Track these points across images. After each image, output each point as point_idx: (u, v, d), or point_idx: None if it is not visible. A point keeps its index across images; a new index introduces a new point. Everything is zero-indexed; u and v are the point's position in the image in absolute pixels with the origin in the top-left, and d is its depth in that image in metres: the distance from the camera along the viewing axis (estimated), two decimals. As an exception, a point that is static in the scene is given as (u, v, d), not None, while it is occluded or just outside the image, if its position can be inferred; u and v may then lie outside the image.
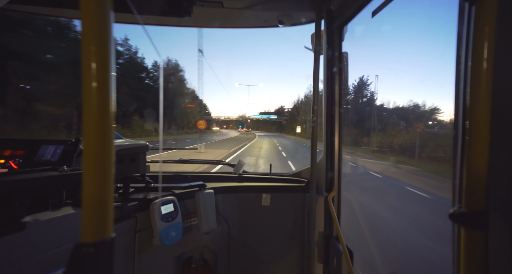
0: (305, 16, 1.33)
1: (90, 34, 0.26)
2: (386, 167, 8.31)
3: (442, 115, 9.62)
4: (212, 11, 1.26)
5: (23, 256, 0.70)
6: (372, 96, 10.37)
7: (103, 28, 0.27)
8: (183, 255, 1.41)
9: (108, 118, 0.27)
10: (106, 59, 0.27)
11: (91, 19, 0.26)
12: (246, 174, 1.69)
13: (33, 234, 0.72)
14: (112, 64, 0.28)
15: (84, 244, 0.26)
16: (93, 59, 0.26)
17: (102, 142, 0.27)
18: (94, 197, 0.27)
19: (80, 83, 0.27)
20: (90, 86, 0.26)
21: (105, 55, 0.27)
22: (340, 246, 1.19)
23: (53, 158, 1.18)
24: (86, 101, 0.26)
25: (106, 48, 0.27)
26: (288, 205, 1.53)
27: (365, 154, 9.62)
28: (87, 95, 0.26)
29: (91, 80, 0.26)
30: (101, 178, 0.27)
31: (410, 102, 12.45)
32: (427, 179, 6.29)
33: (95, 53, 0.26)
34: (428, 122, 10.03)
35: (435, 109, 10.14)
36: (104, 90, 0.27)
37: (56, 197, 0.94)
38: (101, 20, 0.27)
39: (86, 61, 0.26)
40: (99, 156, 0.27)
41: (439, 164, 6.58)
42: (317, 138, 1.29)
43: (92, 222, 0.27)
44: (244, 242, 1.52)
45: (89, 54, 0.26)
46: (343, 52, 1.30)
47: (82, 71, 0.26)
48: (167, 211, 1.15)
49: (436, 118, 10.02)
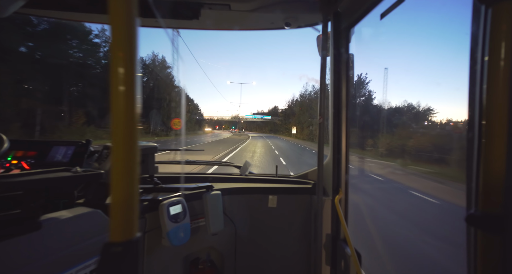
0: (312, 18, 1.33)
1: (118, 41, 0.27)
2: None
3: (456, 116, 9.54)
4: (219, 13, 1.27)
5: (39, 255, 0.71)
6: (373, 95, 10.35)
7: (130, 35, 0.28)
8: (190, 256, 1.41)
9: (134, 120, 0.29)
10: (133, 64, 0.28)
11: (119, 26, 0.27)
12: (252, 175, 1.69)
13: (48, 233, 0.74)
14: (137, 69, 0.29)
15: (113, 244, 0.27)
16: (121, 64, 0.27)
17: (129, 144, 0.28)
18: (122, 198, 0.28)
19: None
20: (117, 90, 0.27)
21: (131, 60, 0.28)
22: (348, 249, 1.18)
23: (64, 159, 1.20)
24: (114, 104, 0.28)
25: (132, 53, 0.28)
26: (295, 207, 1.52)
27: (375, 159, 9.46)
28: (115, 99, 0.27)
29: (118, 84, 0.27)
30: (127, 180, 0.28)
31: (421, 102, 12.42)
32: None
33: (122, 58, 0.27)
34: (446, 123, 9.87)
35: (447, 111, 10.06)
36: (130, 93, 0.28)
37: (66, 197, 0.95)
38: (128, 27, 0.28)
39: (114, 66, 0.27)
40: (126, 158, 0.28)
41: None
42: (323, 140, 1.29)
43: (119, 223, 0.28)
44: (250, 244, 1.52)
45: (117, 59, 0.27)
46: (349, 54, 1.31)
47: (110, 75, 0.27)
48: (176, 212, 1.16)
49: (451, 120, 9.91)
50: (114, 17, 0.27)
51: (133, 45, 0.28)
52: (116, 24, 0.27)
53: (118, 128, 0.28)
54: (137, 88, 0.29)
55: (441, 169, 8.29)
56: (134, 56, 0.28)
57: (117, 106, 0.28)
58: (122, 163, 0.28)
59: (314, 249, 1.39)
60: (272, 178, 1.66)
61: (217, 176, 1.68)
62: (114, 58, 0.27)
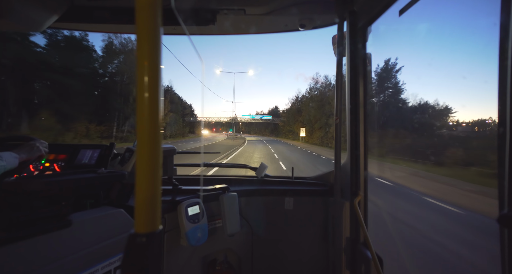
0: (327, 18, 1.32)
1: (144, 50, 0.30)
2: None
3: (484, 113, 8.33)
4: (234, 18, 1.30)
5: (70, 251, 0.76)
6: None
7: (154, 44, 0.30)
8: (208, 257, 1.44)
9: (157, 124, 0.31)
10: (157, 72, 0.30)
11: (145, 36, 0.30)
12: (268, 177, 1.69)
13: (78, 230, 0.79)
14: (161, 77, 0.31)
15: (138, 234, 0.30)
16: (146, 72, 0.30)
17: (152, 146, 0.31)
18: (146, 193, 0.30)
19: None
20: (142, 97, 0.30)
21: (155, 69, 0.30)
22: (369, 252, 1.14)
23: (91, 162, 1.28)
24: (139, 110, 0.30)
25: (156, 62, 0.30)
26: (312, 209, 1.50)
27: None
28: (140, 105, 0.30)
29: (144, 91, 0.30)
30: (151, 178, 0.31)
31: (444, 100, 10.80)
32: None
33: (147, 67, 0.30)
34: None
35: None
36: (155, 100, 0.30)
37: (92, 198, 1.01)
38: (153, 37, 0.30)
39: (140, 74, 0.29)
40: (150, 159, 0.31)
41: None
42: (340, 141, 1.26)
43: (143, 215, 0.31)
44: (267, 246, 1.51)
45: (142, 68, 0.29)
46: (367, 53, 1.27)
47: (136, 83, 0.30)
48: (194, 212, 1.19)
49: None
50: (141, 27, 0.29)
51: (157, 54, 0.30)
52: (142, 34, 0.29)
53: (143, 131, 0.30)
54: (160, 95, 0.31)
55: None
56: (158, 64, 0.30)
57: (142, 112, 0.30)
58: (146, 163, 0.31)
59: (333, 253, 1.36)
60: (288, 180, 1.65)
61: (233, 178, 1.70)
62: (139, 67, 0.29)
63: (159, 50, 0.30)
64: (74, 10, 1.15)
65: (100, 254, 0.85)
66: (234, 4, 1.19)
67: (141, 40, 0.29)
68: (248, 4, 1.18)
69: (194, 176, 1.69)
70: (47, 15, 1.06)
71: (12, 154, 0.91)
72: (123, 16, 1.16)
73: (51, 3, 1.04)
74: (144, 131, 0.30)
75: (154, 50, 0.30)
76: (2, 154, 0.86)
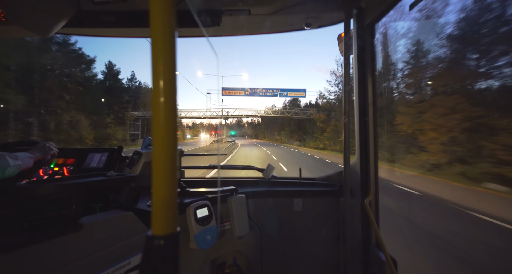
0: (333, 16, 1.30)
1: (159, 55, 0.29)
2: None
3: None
4: (239, 19, 1.29)
5: (81, 254, 0.76)
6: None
7: (169, 49, 0.30)
8: (217, 260, 1.43)
9: (173, 128, 0.31)
10: (172, 77, 0.30)
11: (160, 40, 0.29)
12: (275, 178, 1.67)
13: (88, 234, 0.78)
14: (176, 81, 0.31)
15: (156, 237, 0.30)
16: (161, 77, 0.29)
17: (169, 149, 0.31)
18: (163, 195, 0.30)
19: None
20: (158, 101, 0.29)
21: (171, 74, 0.30)
22: (382, 254, 1.11)
23: (99, 165, 1.28)
24: (155, 114, 0.30)
25: (171, 66, 0.30)
26: (321, 210, 1.48)
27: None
28: (156, 109, 0.30)
29: (159, 96, 0.29)
30: (168, 179, 0.31)
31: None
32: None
33: (162, 72, 0.29)
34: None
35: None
36: (170, 104, 0.30)
37: (101, 201, 1.01)
38: (167, 42, 0.30)
39: (156, 79, 0.29)
40: (166, 162, 0.31)
41: None
42: (349, 140, 1.24)
43: (160, 218, 0.31)
44: (277, 248, 1.50)
45: (157, 73, 0.29)
46: (375, 51, 1.25)
47: (152, 88, 0.30)
48: (202, 215, 1.18)
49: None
50: (155, 31, 0.29)
51: (173, 58, 0.30)
52: (156, 37, 0.29)
53: (159, 135, 0.30)
54: (176, 99, 0.31)
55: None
56: (174, 69, 0.30)
57: (157, 116, 0.30)
58: (162, 166, 0.30)
59: (344, 254, 1.33)
60: (296, 181, 1.63)
61: (241, 179, 1.69)
62: (154, 71, 0.29)
63: (174, 54, 0.30)
64: (81, 14, 1.16)
65: (111, 258, 0.84)
66: (239, 4, 1.19)
67: (155, 43, 0.29)
68: (253, 4, 1.17)
69: (201, 178, 1.68)
70: (54, 20, 1.06)
71: (27, 154, 0.93)
72: (131, 20, 1.16)
73: (57, 8, 1.05)
74: (160, 135, 0.30)
75: (169, 54, 0.30)
76: (17, 154, 0.88)
